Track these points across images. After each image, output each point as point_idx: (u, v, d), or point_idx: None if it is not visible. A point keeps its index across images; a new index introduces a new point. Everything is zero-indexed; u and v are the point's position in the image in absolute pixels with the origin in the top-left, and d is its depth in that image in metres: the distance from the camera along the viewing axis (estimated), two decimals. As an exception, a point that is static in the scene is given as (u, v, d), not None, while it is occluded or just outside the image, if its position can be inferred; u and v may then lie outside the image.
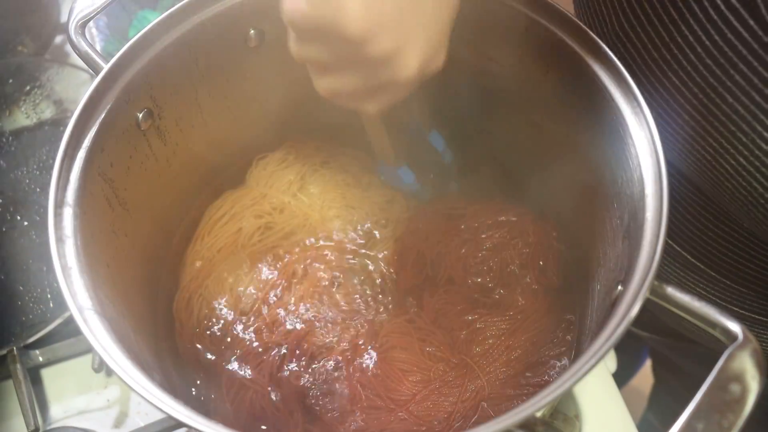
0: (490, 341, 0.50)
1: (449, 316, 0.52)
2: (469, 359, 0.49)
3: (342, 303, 0.53)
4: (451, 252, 0.54)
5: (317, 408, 0.48)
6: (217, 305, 0.52)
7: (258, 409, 0.48)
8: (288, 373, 0.49)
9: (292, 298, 0.52)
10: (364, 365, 0.49)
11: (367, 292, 0.54)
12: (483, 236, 0.55)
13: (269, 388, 0.49)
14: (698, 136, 0.41)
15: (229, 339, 0.51)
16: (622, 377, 0.58)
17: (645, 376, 1.04)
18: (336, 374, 0.49)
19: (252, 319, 0.52)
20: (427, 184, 0.59)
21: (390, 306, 0.53)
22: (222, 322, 0.52)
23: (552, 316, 0.51)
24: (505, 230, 0.55)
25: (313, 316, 0.52)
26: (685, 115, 0.42)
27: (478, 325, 0.51)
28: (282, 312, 0.52)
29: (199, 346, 0.51)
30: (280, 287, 0.53)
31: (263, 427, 0.48)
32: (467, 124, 0.57)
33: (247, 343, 0.51)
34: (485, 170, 0.59)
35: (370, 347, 0.50)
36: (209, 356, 0.51)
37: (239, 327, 0.52)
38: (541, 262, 0.53)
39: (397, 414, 0.47)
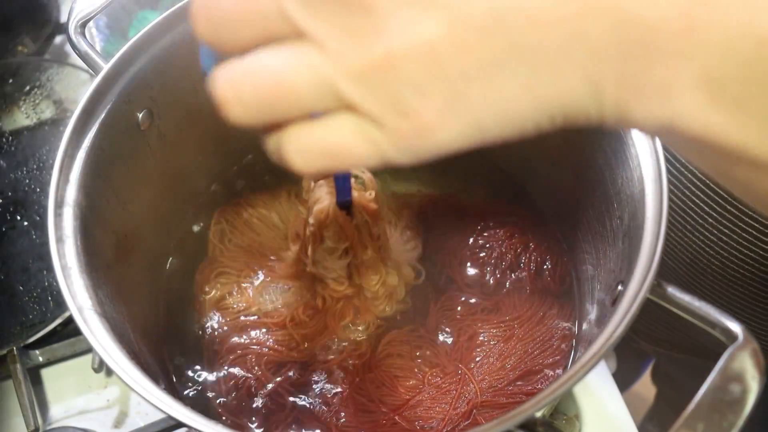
0: (485, 348, 0.50)
1: (447, 323, 0.52)
2: (463, 366, 0.49)
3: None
4: (450, 249, 0.55)
5: (310, 404, 0.48)
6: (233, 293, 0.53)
7: (252, 393, 0.49)
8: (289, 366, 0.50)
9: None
10: (359, 369, 0.50)
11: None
12: (485, 235, 0.55)
13: (270, 374, 0.49)
14: None
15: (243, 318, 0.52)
16: (622, 383, 0.58)
17: (646, 383, 1.04)
18: (332, 376, 0.50)
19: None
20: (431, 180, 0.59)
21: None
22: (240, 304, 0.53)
23: (548, 323, 0.51)
24: (506, 232, 0.55)
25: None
26: None
27: (473, 332, 0.51)
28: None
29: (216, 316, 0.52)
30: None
31: (255, 405, 0.49)
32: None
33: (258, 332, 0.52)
34: (484, 171, 0.59)
35: (368, 353, 0.51)
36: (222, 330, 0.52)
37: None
38: (543, 266, 0.53)
39: (390, 417, 0.47)
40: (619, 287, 0.38)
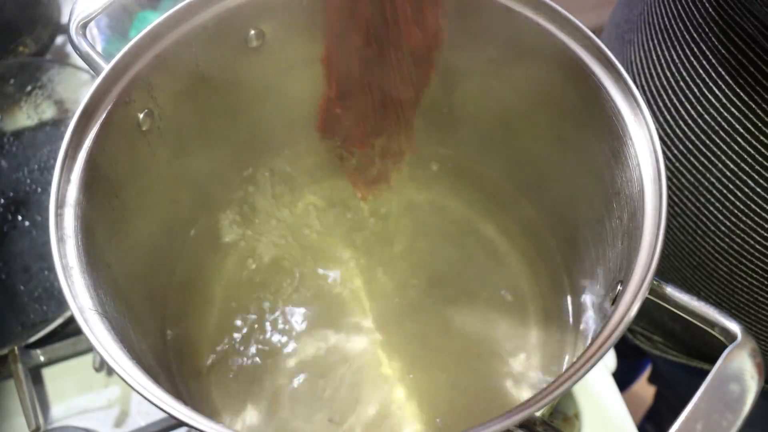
0: None
1: None
2: None
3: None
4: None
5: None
6: None
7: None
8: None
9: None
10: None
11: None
12: None
13: None
14: None
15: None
16: (622, 383, 0.58)
17: (646, 383, 1.04)
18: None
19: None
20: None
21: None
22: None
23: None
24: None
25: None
26: None
27: None
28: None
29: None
30: None
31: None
32: (466, 127, 0.57)
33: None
34: (482, 170, 0.59)
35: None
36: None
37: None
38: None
39: None
40: (619, 287, 0.38)
